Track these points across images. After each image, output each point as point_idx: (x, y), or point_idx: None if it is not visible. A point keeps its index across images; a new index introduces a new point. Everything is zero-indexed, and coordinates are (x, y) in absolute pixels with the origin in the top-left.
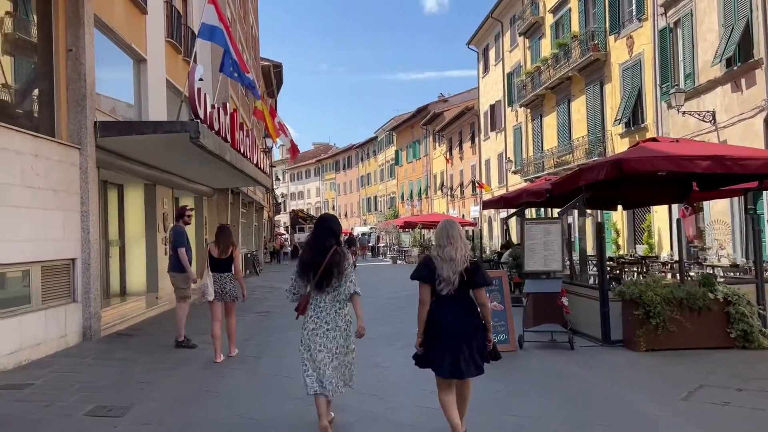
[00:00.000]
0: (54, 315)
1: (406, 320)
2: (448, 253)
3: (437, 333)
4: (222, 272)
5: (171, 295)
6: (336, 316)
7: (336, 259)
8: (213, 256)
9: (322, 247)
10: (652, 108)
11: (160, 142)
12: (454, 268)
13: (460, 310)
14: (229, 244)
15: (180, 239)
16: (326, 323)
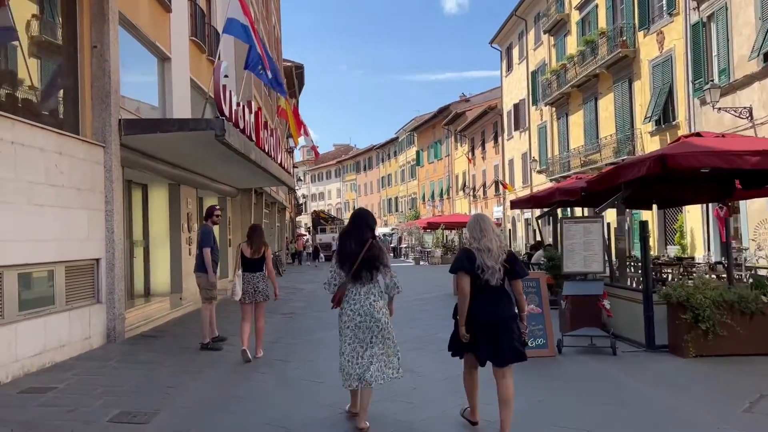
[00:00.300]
0: (78, 316)
1: (435, 322)
2: (485, 244)
3: (475, 322)
4: (254, 272)
5: (195, 296)
6: (371, 308)
7: (373, 252)
8: (245, 255)
9: (359, 239)
10: (683, 105)
11: (184, 140)
12: (494, 258)
13: (497, 299)
14: (262, 243)
15: (206, 239)
16: (360, 315)
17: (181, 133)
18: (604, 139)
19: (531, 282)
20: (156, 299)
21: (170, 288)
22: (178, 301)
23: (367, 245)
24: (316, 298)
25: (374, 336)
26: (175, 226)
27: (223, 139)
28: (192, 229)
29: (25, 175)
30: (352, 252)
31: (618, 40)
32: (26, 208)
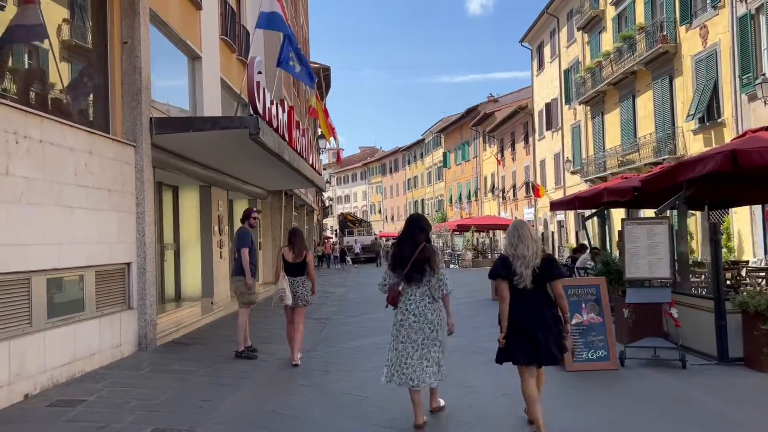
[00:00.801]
0: (108, 323)
1: (478, 329)
2: (521, 251)
3: (515, 325)
4: (295, 276)
5: (226, 301)
6: (425, 309)
7: (425, 255)
8: (287, 260)
9: (413, 242)
10: (730, 101)
11: (217, 139)
12: (526, 264)
13: (536, 302)
14: (303, 247)
15: (244, 239)
16: (413, 315)
17: (213, 132)
18: (643, 138)
19: (590, 288)
20: (187, 304)
21: (201, 292)
22: (209, 306)
23: (419, 248)
24: (347, 303)
25: (426, 338)
26: (206, 229)
27: (258, 138)
28: (223, 232)
29: (53, 176)
30: (405, 255)
31: (658, 35)
32: (55, 210)
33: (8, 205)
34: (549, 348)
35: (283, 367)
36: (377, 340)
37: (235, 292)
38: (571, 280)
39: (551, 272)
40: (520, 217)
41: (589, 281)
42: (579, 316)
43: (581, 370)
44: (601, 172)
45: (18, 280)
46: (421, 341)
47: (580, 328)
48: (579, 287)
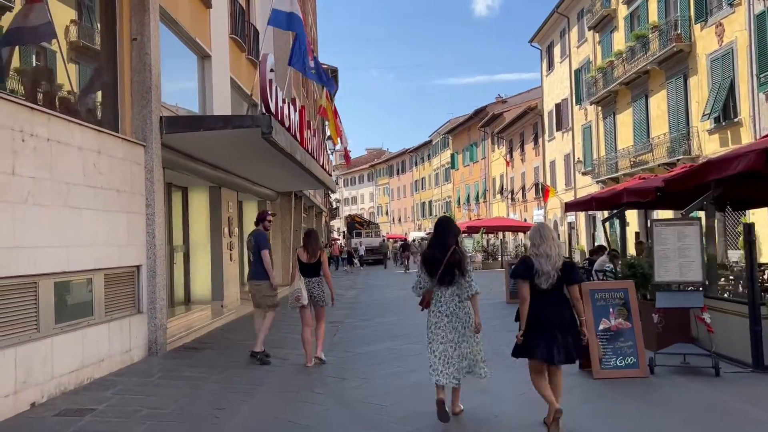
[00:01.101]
0: (118, 328)
1: (494, 334)
2: (544, 251)
3: (534, 323)
4: (311, 277)
5: (236, 304)
6: (457, 309)
7: (456, 257)
8: (302, 261)
9: (444, 245)
10: (747, 101)
11: (228, 138)
12: (551, 264)
13: (555, 303)
14: (318, 248)
15: (264, 242)
16: (446, 316)
17: (225, 132)
18: (657, 139)
19: (618, 292)
20: (197, 307)
21: (211, 295)
22: (219, 309)
23: (450, 251)
24: (359, 305)
25: (460, 336)
26: (215, 231)
27: (270, 137)
28: (233, 234)
29: (61, 175)
30: (436, 258)
31: (672, 33)
32: (63, 211)
33: (14, 206)
34: (566, 347)
35: (297, 373)
36: (392, 345)
37: (255, 296)
38: (598, 283)
39: (570, 276)
40: (530, 218)
41: (616, 285)
42: (606, 322)
43: (609, 378)
44: (613, 173)
45: (25, 284)
46: (457, 340)
47: (608, 333)
48: (606, 291)
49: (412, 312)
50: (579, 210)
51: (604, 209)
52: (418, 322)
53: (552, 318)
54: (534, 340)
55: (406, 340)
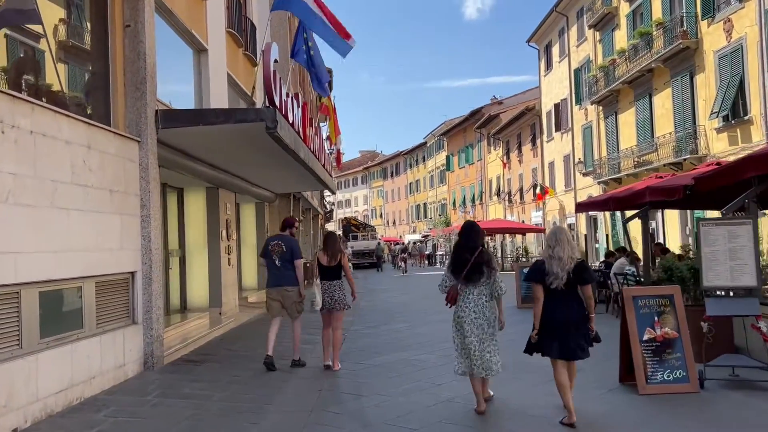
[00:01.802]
0: (110, 341)
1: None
2: (557, 253)
3: (548, 321)
4: (331, 280)
5: (235, 311)
6: (483, 307)
7: (483, 258)
8: (322, 264)
9: (471, 247)
10: (758, 98)
11: (229, 134)
12: (562, 266)
13: (568, 302)
14: (337, 251)
15: (298, 250)
16: (474, 312)
17: (226, 127)
18: (662, 138)
19: (663, 299)
20: (194, 315)
21: (209, 302)
22: (218, 318)
23: (477, 252)
24: (361, 311)
25: (484, 332)
26: (213, 234)
27: (275, 133)
28: (231, 237)
29: (47, 173)
30: (464, 258)
31: (678, 30)
32: (49, 213)
33: None
34: (579, 344)
35: (309, 389)
36: (407, 356)
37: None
38: (639, 289)
39: (583, 277)
40: (527, 220)
41: (661, 291)
42: (651, 331)
43: (657, 394)
44: (616, 174)
45: (5, 294)
46: (481, 335)
47: (653, 344)
48: (650, 298)
49: (420, 319)
50: (593, 210)
51: (623, 209)
52: (430, 329)
53: (562, 318)
54: (547, 339)
55: (421, 350)
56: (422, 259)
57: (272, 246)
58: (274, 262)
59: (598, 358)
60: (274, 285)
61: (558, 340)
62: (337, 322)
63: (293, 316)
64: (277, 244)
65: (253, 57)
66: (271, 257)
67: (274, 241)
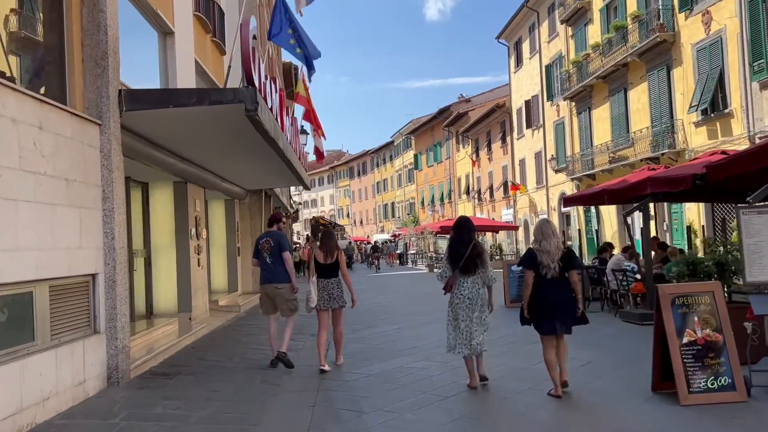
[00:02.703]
0: (68, 354)
1: (515, 347)
2: (545, 246)
3: (541, 303)
4: (329, 278)
5: (206, 316)
6: (476, 294)
7: (476, 251)
8: (319, 261)
9: (465, 241)
10: (738, 90)
11: (202, 119)
12: (551, 258)
13: (557, 287)
14: (335, 248)
15: (287, 244)
16: (468, 298)
17: (199, 110)
18: (639, 133)
19: (702, 296)
20: (161, 321)
21: (177, 306)
22: (187, 323)
23: (471, 245)
24: None
25: (477, 315)
26: (181, 232)
27: (255, 116)
28: (200, 236)
29: None
30: (460, 252)
31: (655, 23)
32: None
33: None
34: (566, 322)
35: (300, 405)
36: (404, 363)
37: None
38: (675, 286)
39: (571, 263)
40: (498, 218)
41: (699, 288)
42: (691, 333)
43: (701, 404)
44: (590, 170)
45: None
46: (475, 317)
47: (694, 348)
48: (687, 296)
49: (407, 321)
50: (583, 204)
51: (619, 202)
52: (421, 333)
53: (554, 301)
54: (540, 319)
55: (417, 357)
56: (392, 258)
57: (261, 244)
58: (265, 259)
59: (617, 362)
60: (266, 282)
61: (548, 319)
62: (338, 320)
63: (285, 314)
64: (266, 241)
65: (222, 44)
66: (262, 255)
67: (263, 239)
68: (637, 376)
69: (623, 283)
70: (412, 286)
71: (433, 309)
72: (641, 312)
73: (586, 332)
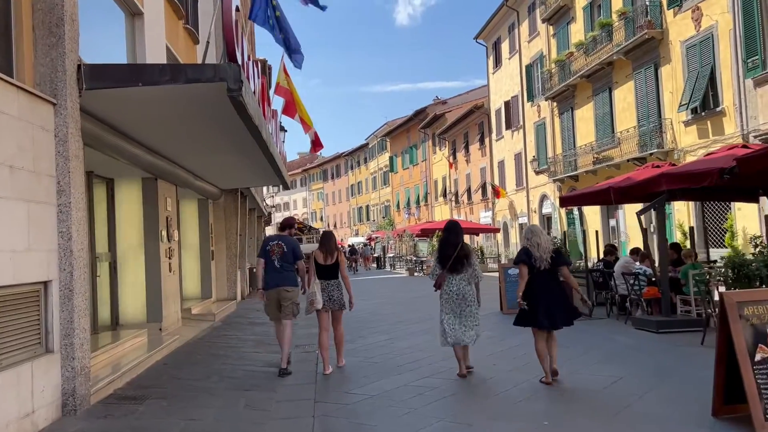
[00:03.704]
0: (12, 379)
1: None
2: (536, 242)
3: (534, 296)
4: (329, 279)
5: (177, 326)
6: (463, 290)
7: (464, 251)
8: (319, 263)
9: (453, 243)
10: (731, 88)
11: (176, 102)
12: (543, 250)
13: (549, 280)
14: (334, 249)
15: (301, 251)
16: (456, 294)
17: (174, 89)
18: (626, 132)
19: None
20: (128, 333)
21: (146, 316)
22: (158, 335)
23: (459, 247)
24: None
25: (463, 310)
26: (151, 234)
27: (238, 97)
28: (172, 238)
29: None
30: (449, 253)
31: (643, 20)
32: None
33: None
34: (562, 316)
35: (298, 426)
36: (406, 380)
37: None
38: (745, 293)
39: (560, 260)
40: (476, 221)
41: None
42: (765, 349)
43: None
44: (572, 171)
45: None
46: (460, 312)
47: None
48: (758, 304)
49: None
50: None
51: (628, 201)
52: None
53: (546, 291)
54: (538, 313)
55: (420, 372)
56: (368, 262)
57: (272, 246)
58: (273, 263)
59: (652, 380)
60: (273, 286)
61: (545, 314)
62: (338, 321)
63: (287, 317)
64: (278, 244)
65: (195, 33)
66: (270, 258)
67: (274, 241)
68: (684, 396)
69: (635, 287)
70: (395, 291)
71: (424, 316)
72: (658, 319)
73: (600, 341)
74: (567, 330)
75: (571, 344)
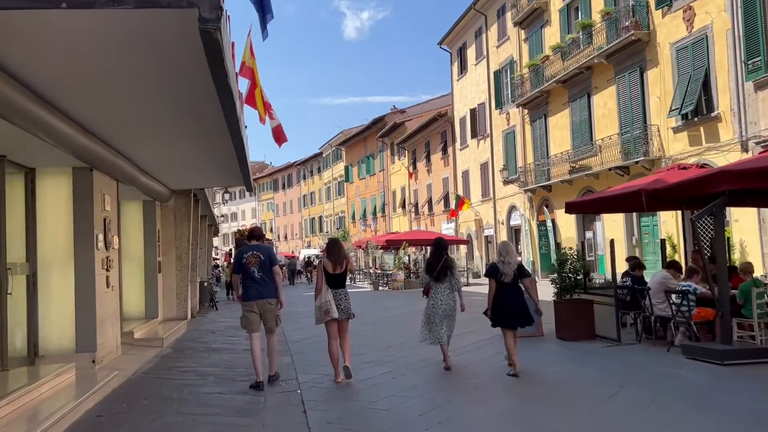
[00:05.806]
0: None
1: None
2: (507, 260)
3: (502, 304)
4: (337, 288)
5: (115, 355)
6: (447, 298)
7: (448, 263)
8: (328, 271)
9: (439, 255)
10: (727, 92)
11: (119, 48)
12: (510, 268)
13: (514, 291)
14: (343, 257)
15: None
16: (440, 301)
17: (118, 24)
18: (608, 139)
19: None
20: (50, 369)
21: (75, 345)
22: (90, 370)
23: (443, 259)
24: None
25: (447, 315)
26: (83, 240)
27: (216, 31)
28: (111, 245)
29: None
30: (434, 264)
31: (629, 20)
32: None
33: None
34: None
35: None
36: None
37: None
38: None
39: (522, 273)
40: (439, 232)
41: None
42: None
43: None
44: (545, 181)
45: None
46: (445, 316)
47: None
48: None
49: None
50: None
51: (661, 208)
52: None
53: (511, 301)
54: (502, 316)
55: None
56: None
57: (247, 258)
58: (251, 274)
59: None
60: (255, 297)
61: (508, 317)
62: (345, 331)
63: (271, 330)
64: (253, 254)
65: None
66: (248, 270)
67: (248, 252)
68: None
69: (681, 308)
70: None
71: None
72: (723, 348)
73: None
74: (609, 363)
75: (626, 383)
